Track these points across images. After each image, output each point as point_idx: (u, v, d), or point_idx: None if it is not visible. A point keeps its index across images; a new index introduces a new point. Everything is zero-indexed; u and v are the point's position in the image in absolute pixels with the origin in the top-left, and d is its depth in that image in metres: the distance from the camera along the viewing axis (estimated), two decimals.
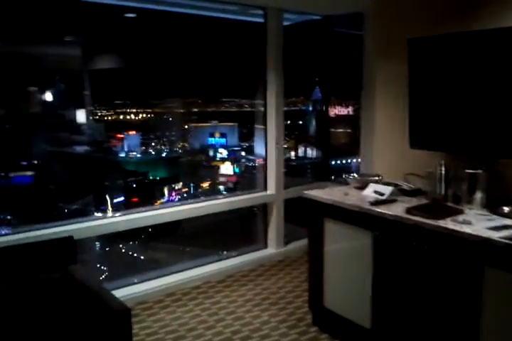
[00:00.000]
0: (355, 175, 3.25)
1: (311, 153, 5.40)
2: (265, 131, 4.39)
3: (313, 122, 5.30)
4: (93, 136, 4.90)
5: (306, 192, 2.94)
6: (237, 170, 5.43)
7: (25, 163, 4.48)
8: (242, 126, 5.56)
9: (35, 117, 4.54)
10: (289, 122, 5.20)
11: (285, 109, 4.44)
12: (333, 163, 5.09)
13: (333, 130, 5.08)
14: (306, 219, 2.99)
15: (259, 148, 5.03)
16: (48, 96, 4.63)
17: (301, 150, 5.49)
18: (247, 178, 5.19)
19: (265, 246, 4.48)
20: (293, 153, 5.49)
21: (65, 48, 4.55)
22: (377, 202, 2.56)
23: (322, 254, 2.87)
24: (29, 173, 4.32)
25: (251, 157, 5.31)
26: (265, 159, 4.46)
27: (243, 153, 5.53)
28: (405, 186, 2.85)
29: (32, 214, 4.31)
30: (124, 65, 4.97)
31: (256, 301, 3.49)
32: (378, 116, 3.55)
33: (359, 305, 2.63)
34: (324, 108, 4.95)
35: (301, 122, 5.55)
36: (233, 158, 5.47)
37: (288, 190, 4.47)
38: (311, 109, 5.31)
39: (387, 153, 3.40)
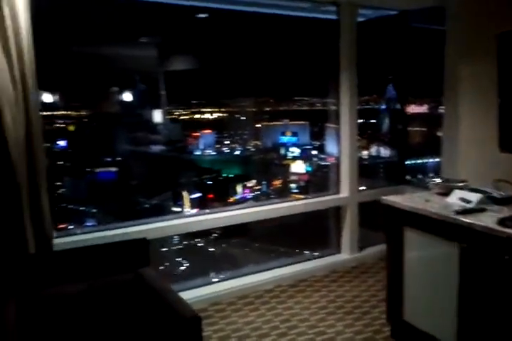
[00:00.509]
0: (437, 179, 2.98)
1: (385, 152, 5.28)
2: (338, 130, 4.27)
3: (387, 121, 5.17)
4: (168, 136, 5.07)
5: (384, 197, 2.77)
6: (309, 168, 5.43)
7: (109, 160, 4.74)
8: (314, 124, 5.54)
9: (115, 116, 4.79)
10: (361, 121, 5.12)
11: (358, 107, 4.35)
12: (407, 162, 4.96)
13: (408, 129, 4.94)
14: (384, 225, 2.84)
15: (330, 147, 5.00)
16: (127, 97, 4.84)
17: (373, 150, 5.38)
18: (319, 177, 5.18)
19: (338, 250, 4.30)
20: (365, 152, 5.39)
21: (141, 50, 4.73)
22: (464, 211, 2.35)
23: (402, 264, 2.70)
24: (113, 169, 4.57)
25: (322, 156, 5.29)
26: (338, 160, 4.24)
27: (315, 152, 5.51)
28: (495, 193, 2.58)
29: (114, 208, 4.57)
30: (199, 65, 5.10)
31: (330, 309, 3.35)
32: (463, 115, 3.39)
33: (442, 320, 2.47)
34: (399, 106, 4.81)
35: (373, 121, 5.43)
36: (305, 156, 5.47)
37: (362, 192, 4.31)
38: (384, 107, 5.19)
39: (474, 155, 3.22)
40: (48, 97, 4.34)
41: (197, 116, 5.23)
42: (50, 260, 2.27)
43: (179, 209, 4.69)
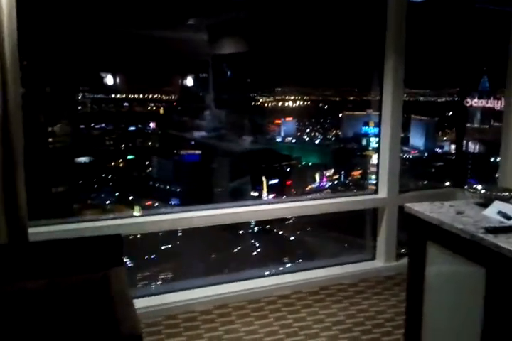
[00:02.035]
0: (478, 186, 2.48)
1: (474, 147, 5.01)
2: (379, 120, 3.83)
3: (478, 115, 4.89)
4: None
5: (408, 205, 2.36)
6: None
7: (192, 143, 4.98)
8: None
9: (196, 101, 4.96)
10: (450, 113, 4.91)
11: (443, 99, 4.11)
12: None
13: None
14: (407, 237, 2.50)
15: (415, 140, 4.84)
16: (189, 82, 4.93)
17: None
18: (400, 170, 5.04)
19: (373, 257, 3.80)
20: (453, 147, 5.16)
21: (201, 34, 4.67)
22: (495, 230, 1.91)
23: (422, 284, 2.34)
24: (197, 152, 4.79)
25: (406, 148, 5.14)
26: (379, 154, 3.79)
27: None
28: None
29: (196, 189, 4.81)
30: (285, 52, 5.13)
31: (346, 325, 2.90)
32: None
33: None
34: (488, 99, 4.52)
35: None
36: None
37: (404, 194, 3.77)
38: (473, 100, 4.91)
39: None
40: (109, 79, 4.56)
41: (280, 103, 5.33)
42: (16, 252, 2.10)
43: (257, 194, 4.83)
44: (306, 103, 5.43)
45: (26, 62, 4.92)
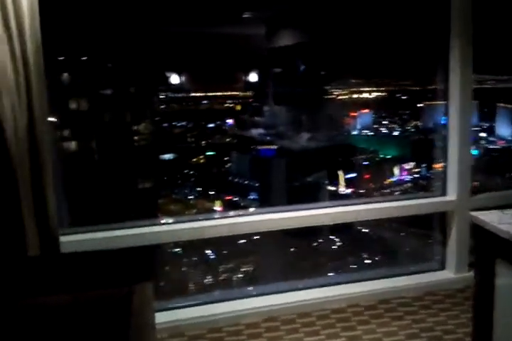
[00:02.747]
0: None
1: None
2: (446, 111, 3.45)
3: None
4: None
5: (473, 214, 1.98)
6: (475, 152, 5.05)
7: (268, 138, 5.04)
8: (483, 104, 5.10)
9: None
10: None
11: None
12: None
13: None
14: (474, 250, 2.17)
15: (501, 129, 4.59)
16: (253, 77, 4.92)
17: None
18: (485, 162, 4.80)
19: (441, 267, 3.30)
20: None
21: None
22: None
23: (492, 308, 1.96)
24: (273, 147, 4.84)
25: (492, 138, 4.87)
26: (445, 150, 3.44)
27: (483, 134, 5.10)
28: None
29: (273, 183, 4.87)
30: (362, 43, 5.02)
31: None
32: None
33: None
34: None
35: None
36: (472, 139, 5.09)
37: (477, 196, 3.24)
38: None
39: None
40: (175, 78, 4.68)
41: (356, 95, 5.24)
42: (43, 265, 1.99)
43: (334, 188, 4.80)
44: (382, 94, 5.31)
45: (111, 65, 5.25)
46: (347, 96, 5.23)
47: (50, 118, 4.51)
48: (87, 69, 4.58)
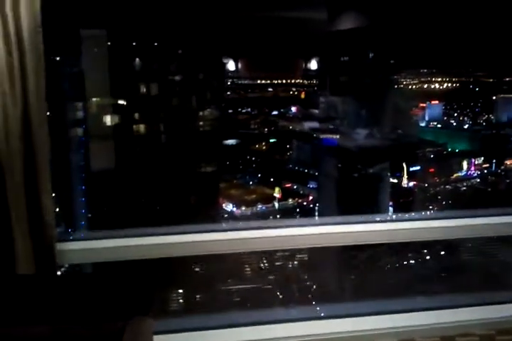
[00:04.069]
0: None
1: None
2: None
3: None
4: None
5: None
6: None
7: (331, 127, 4.98)
8: None
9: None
10: None
11: None
12: None
13: None
14: None
15: None
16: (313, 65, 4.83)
17: None
18: None
19: None
20: None
21: None
22: None
23: None
24: (336, 136, 4.79)
25: None
26: None
27: None
28: None
29: (333, 172, 4.83)
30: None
31: None
32: None
33: None
34: None
35: None
36: None
37: None
38: None
39: None
40: (232, 64, 4.68)
41: (426, 85, 5.05)
42: (30, 285, 1.69)
43: (396, 181, 4.69)
44: (454, 85, 5.08)
45: (181, 51, 5.39)
46: (416, 87, 5.06)
47: (121, 102, 4.78)
48: (158, 55, 4.74)
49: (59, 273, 1.80)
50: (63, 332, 1.61)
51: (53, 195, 1.78)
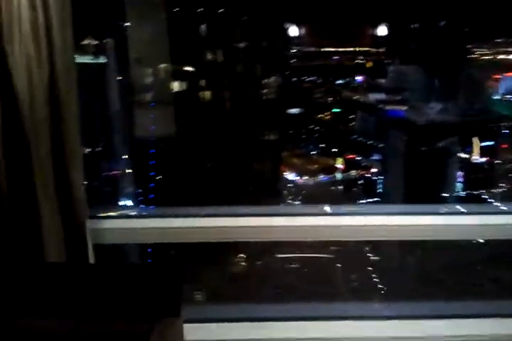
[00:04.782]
0: None
1: None
2: None
3: None
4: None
5: None
6: None
7: (399, 98, 4.80)
8: None
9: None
10: None
11: None
12: None
13: None
14: None
15: None
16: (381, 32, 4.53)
17: None
18: None
19: None
20: None
21: None
22: None
23: None
24: (403, 108, 4.60)
25: None
26: None
27: None
28: None
29: (398, 145, 4.68)
30: None
31: None
32: None
33: None
34: None
35: None
36: None
37: None
38: None
39: None
40: (296, 31, 4.51)
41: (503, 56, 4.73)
42: (58, 274, 1.53)
43: (466, 156, 4.49)
44: None
45: (247, 17, 5.31)
46: (491, 57, 4.75)
47: (187, 68, 4.79)
48: (224, 22, 4.68)
49: (91, 261, 1.59)
50: (85, 329, 1.45)
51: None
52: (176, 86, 4.38)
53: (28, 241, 1.50)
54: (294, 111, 4.69)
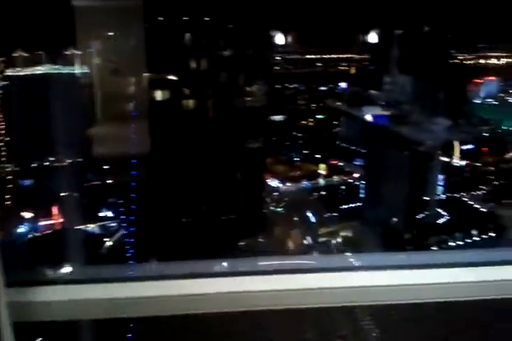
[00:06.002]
0: None
1: None
2: None
3: None
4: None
5: None
6: None
7: (383, 103, 4.85)
8: None
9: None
10: None
11: None
12: None
13: None
14: None
15: None
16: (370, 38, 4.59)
17: None
18: None
19: None
20: None
21: None
22: None
23: None
24: (386, 113, 4.65)
25: None
26: None
27: None
28: None
29: (381, 150, 4.73)
30: None
31: None
32: None
33: None
34: None
35: None
36: None
37: None
38: None
39: None
40: (280, 39, 4.54)
41: (483, 61, 4.80)
42: None
43: (447, 160, 4.55)
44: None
45: (232, 26, 5.36)
46: (472, 62, 4.81)
47: (170, 77, 4.84)
48: (209, 30, 4.74)
49: None
50: None
51: None
52: (159, 95, 4.44)
53: None
54: (277, 118, 4.75)
